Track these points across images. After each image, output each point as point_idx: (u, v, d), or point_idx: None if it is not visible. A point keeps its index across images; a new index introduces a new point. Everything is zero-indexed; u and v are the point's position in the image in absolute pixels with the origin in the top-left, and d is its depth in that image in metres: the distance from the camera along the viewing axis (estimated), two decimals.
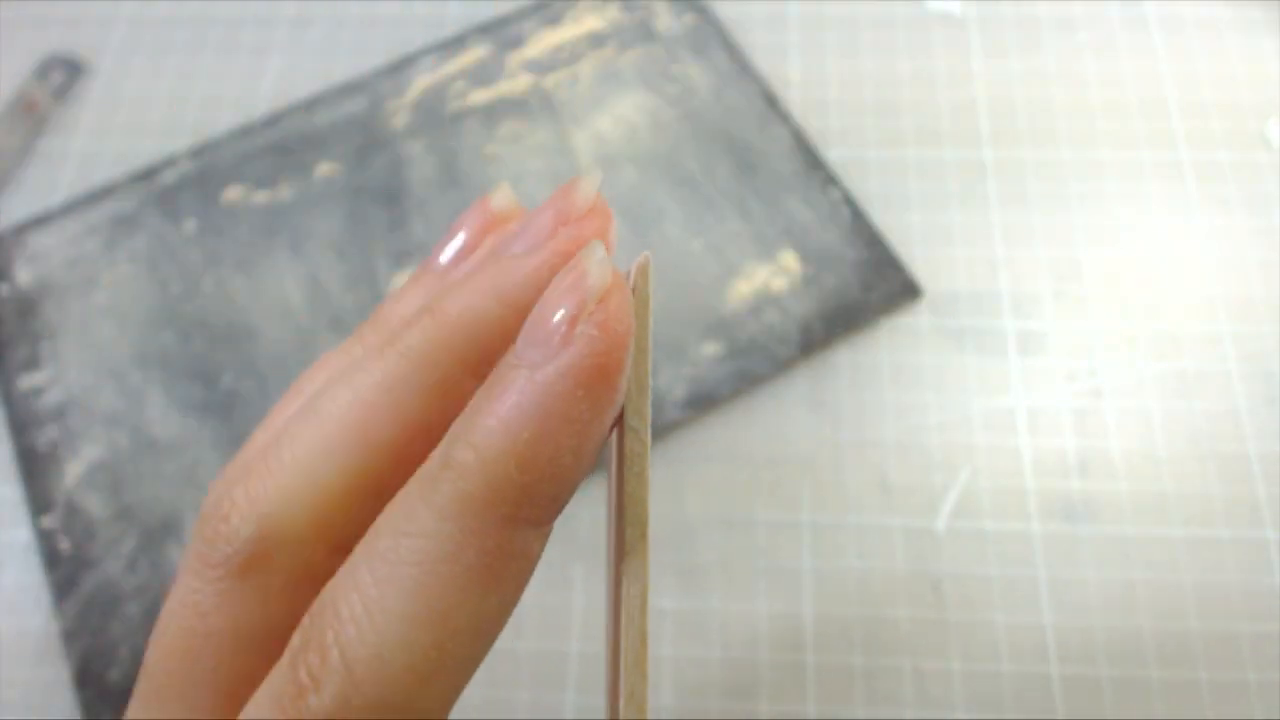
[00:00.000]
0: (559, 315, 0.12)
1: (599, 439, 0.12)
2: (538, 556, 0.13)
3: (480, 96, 0.38)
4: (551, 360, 0.12)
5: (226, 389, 0.33)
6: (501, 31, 0.39)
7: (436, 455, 0.12)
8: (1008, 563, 0.29)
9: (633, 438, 0.12)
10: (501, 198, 0.17)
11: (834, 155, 0.36)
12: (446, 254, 0.17)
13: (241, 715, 0.12)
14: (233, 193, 0.36)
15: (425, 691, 0.12)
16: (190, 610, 0.13)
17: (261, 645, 0.13)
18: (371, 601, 0.11)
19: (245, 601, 0.13)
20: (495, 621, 0.12)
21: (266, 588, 0.13)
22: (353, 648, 0.11)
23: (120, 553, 0.30)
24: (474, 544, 0.12)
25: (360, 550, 0.12)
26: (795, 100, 0.37)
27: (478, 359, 0.14)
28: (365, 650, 0.11)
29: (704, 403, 0.31)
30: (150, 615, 0.30)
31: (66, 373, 0.33)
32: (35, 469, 0.32)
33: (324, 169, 0.37)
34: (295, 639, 0.12)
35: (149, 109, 0.39)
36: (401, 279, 0.34)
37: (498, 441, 0.12)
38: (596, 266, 0.12)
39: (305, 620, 0.12)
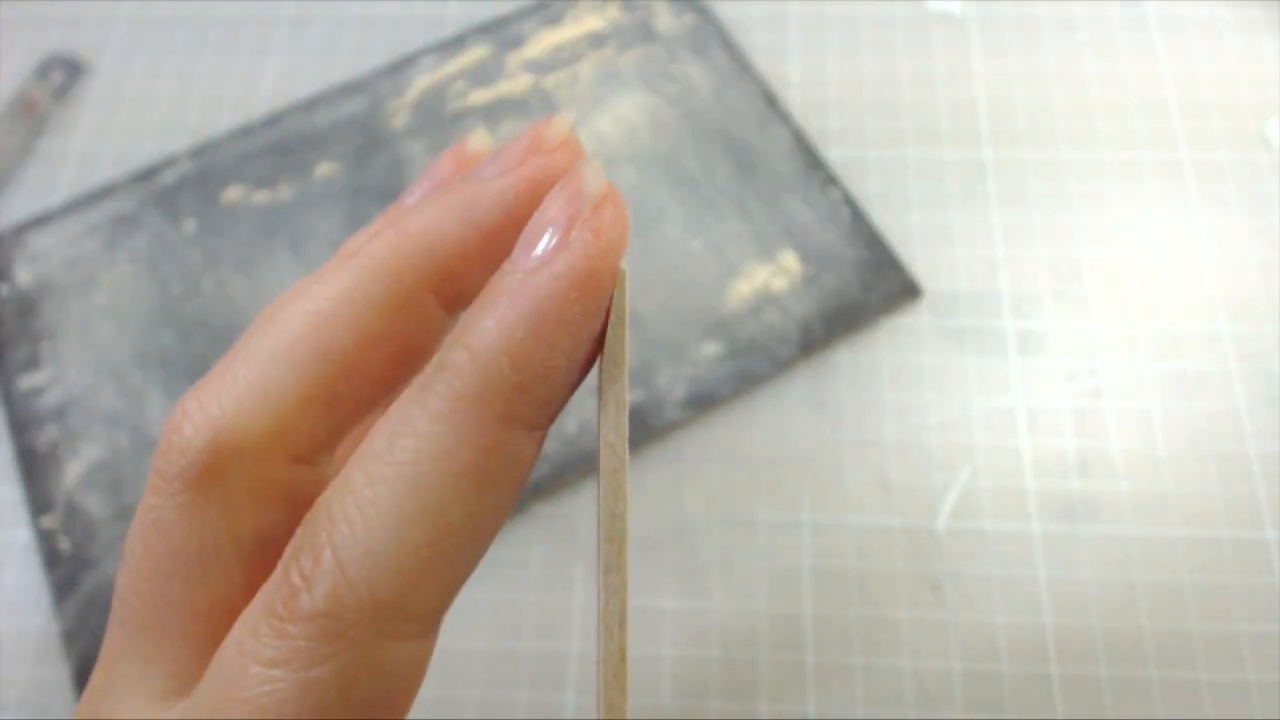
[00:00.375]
0: (555, 220, 0.12)
1: (589, 342, 0.12)
2: (532, 462, 0.13)
3: (480, 96, 0.38)
4: (547, 264, 0.12)
5: None
6: (501, 31, 0.39)
7: (432, 360, 0.12)
8: (1008, 563, 0.29)
9: (609, 453, 0.12)
10: (478, 140, 0.17)
11: (834, 155, 0.36)
12: (414, 194, 0.17)
13: (236, 625, 0.12)
14: (233, 193, 0.36)
15: (418, 590, 0.12)
16: (153, 529, 0.13)
17: (231, 561, 0.13)
18: (365, 501, 0.11)
19: (208, 515, 0.13)
20: (489, 523, 0.12)
21: (228, 500, 0.13)
22: (345, 546, 0.11)
23: (120, 553, 0.30)
24: (468, 442, 0.12)
25: (354, 456, 0.12)
26: (795, 100, 0.37)
27: (437, 275, 0.14)
28: (358, 548, 0.11)
29: (704, 403, 0.31)
30: None
31: (66, 373, 0.33)
32: (35, 469, 0.32)
33: (324, 169, 0.37)
34: (289, 548, 0.12)
35: (149, 109, 0.39)
36: None
37: (492, 341, 0.12)
38: (593, 175, 0.13)
39: (298, 530, 0.12)
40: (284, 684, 0.11)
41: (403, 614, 0.12)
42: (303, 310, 0.13)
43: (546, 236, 0.12)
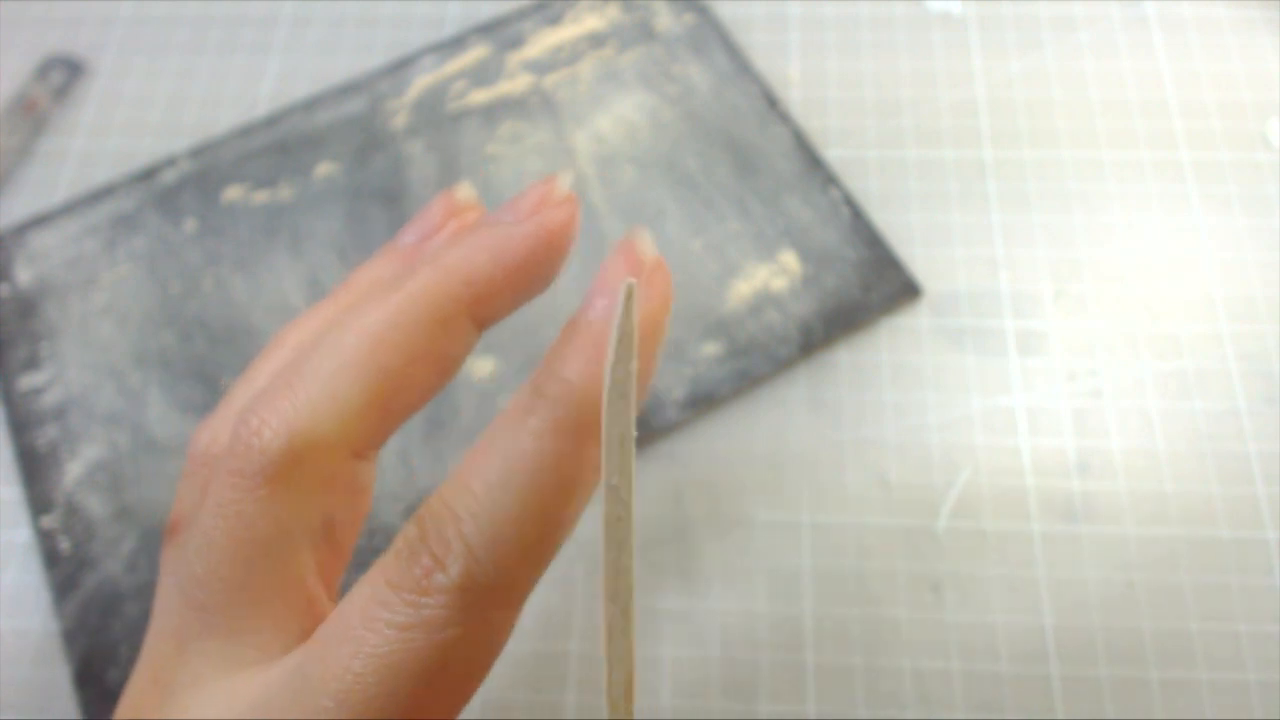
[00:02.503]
0: (623, 279, 0.15)
1: (649, 380, 0.16)
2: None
3: (480, 96, 0.38)
4: (613, 309, 0.15)
5: (226, 389, 0.33)
6: (501, 31, 0.39)
7: (528, 391, 0.15)
8: (1008, 563, 0.29)
9: (612, 498, 0.13)
10: (464, 191, 0.20)
11: (834, 155, 0.36)
12: (411, 235, 0.20)
13: (350, 600, 0.14)
14: (233, 192, 0.36)
15: (529, 574, 0.15)
16: (235, 521, 0.15)
17: (302, 545, 0.16)
18: (485, 504, 0.14)
19: (286, 505, 0.15)
20: (576, 517, 0.15)
21: (302, 491, 0.15)
22: (473, 536, 0.14)
23: (120, 553, 0.30)
24: (566, 457, 0.15)
25: (466, 468, 0.15)
26: (795, 100, 0.37)
27: (473, 299, 0.16)
28: (484, 538, 0.14)
29: (704, 403, 0.31)
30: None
31: (66, 373, 0.33)
32: (35, 469, 0.32)
33: (324, 169, 0.37)
34: (408, 535, 0.14)
35: (149, 109, 0.39)
36: None
37: (582, 375, 0.15)
38: (647, 245, 0.16)
39: (412, 528, 0.14)
40: (419, 643, 0.14)
41: (513, 589, 0.15)
42: (361, 331, 0.16)
43: (614, 287, 0.15)
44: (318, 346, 0.16)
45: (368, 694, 0.13)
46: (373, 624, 0.14)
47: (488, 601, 0.14)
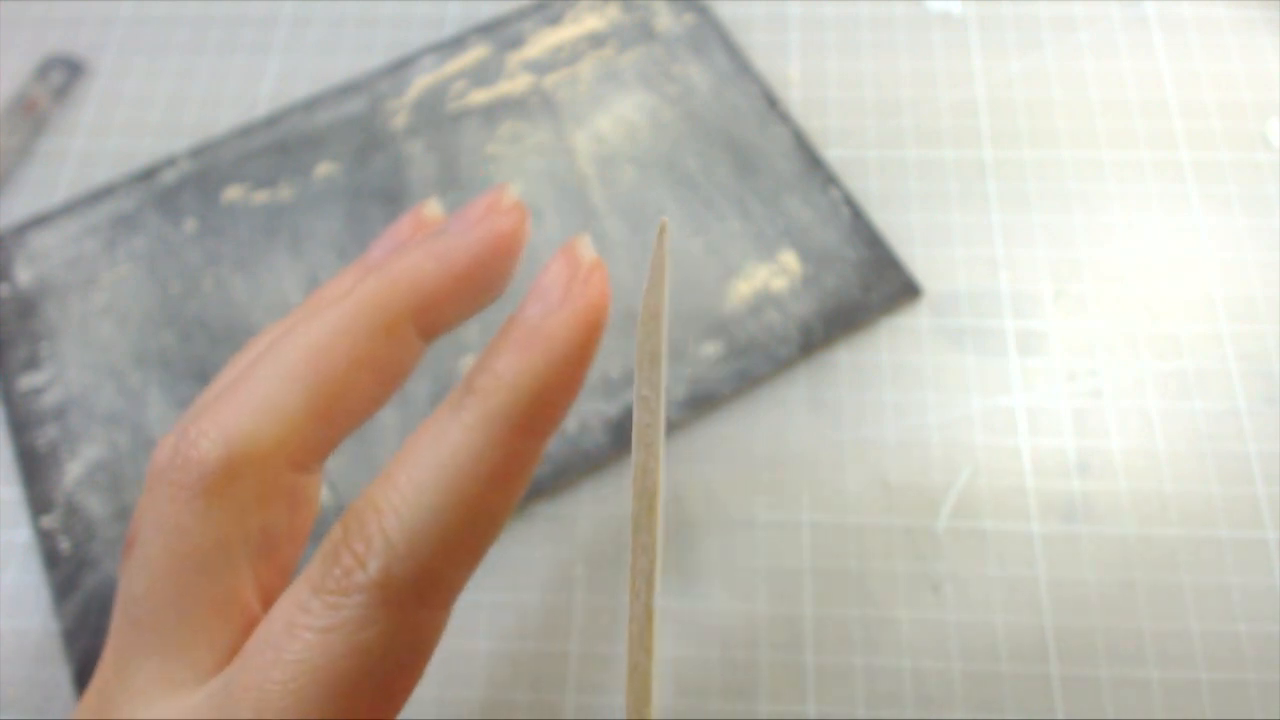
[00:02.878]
0: (558, 278, 0.16)
1: (584, 373, 0.16)
2: (537, 460, 0.16)
3: (480, 96, 0.38)
4: (554, 312, 0.15)
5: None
6: (501, 31, 0.39)
7: (459, 389, 0.15)
8: (1008, 563, 0.29)
9: (642, 407, 0.14)
10: (432, 207, 0.21)
11: (834, 155, 0.36)
12: (379, 250, 0.20)
13: (276, 607, 0.14)
14: (233, 193, 0.36)
15: (453, 569, 0.14)
16: (172, 533, 0.15)
17: (240, 558, 0.15)
18: (409, 497, 0.14)
19: (223, 517, 0.15)
20: (505, 513, 0.15)
21: (239, 503, 0.15)
22: (394, 530, 0.14)
23: (120, 553, 0.30)
24: (494, 447, 0.14)
25: (393, 464, 0.15)
26: (795, 100, 0.37)
27: (418, 306, 0.16)
28: (405, 531, 0.14)
29: (704, 403, 0.31)
30: None
31: (66, 373, 0.33)
32: (35, 469, 0.32)
33: (324, 169, 0.37)
34: (332, 537, 0.14)
35: (149, 109, 0.39)
36: None
37: (513, 369, 0.15)
38: (585, 248, 0.16)
39: (338, 529, 0.14)
40: (338, 646, 0.13)
41: (438, 586, 0.14)
42: (304, 341, 0.16)
43: (553, 290, 0.16)
44: (262, 357, 0.16)
45: (286, 703, 0.13)
46: (293, 629, 0.13)
47: (411, 599, 0.14)
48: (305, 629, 0.13)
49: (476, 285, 0.17)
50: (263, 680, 0.13)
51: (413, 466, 0.14)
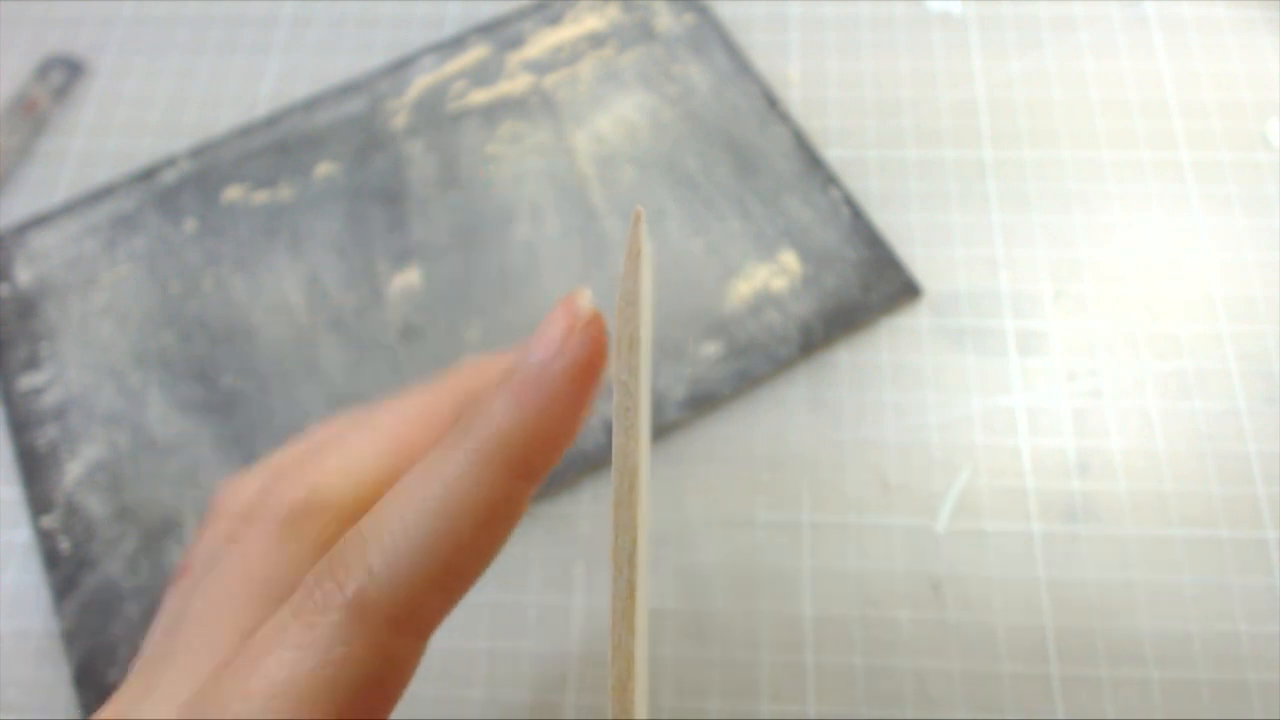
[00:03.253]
0: (559, 330, 0.16)
1: (580, 419, 0.16)
2: (525, 507, 0.16)
3: (480, 96, 0.38)
4: (552, 360, 0.15)
5: (226, 389, 0.33)
6: (501, 31, 0.39)
7: (456, 428, 0.15)
8: (1008, 563, 0.29)
9: (621, 391, 0.14)
10: (585, 298, 0.18)
11: (834, 155, 0.36)
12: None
13: (266, 625, 0.14)
14: (233, 193, 0.36)
15: (434, 601, 0.15)
16: (236, 556, 0.16)
17: (284, 595, 0.16)
18: (394, 530, 0.14)
19: (285, 553, 0.16)
20: (490, 554, 0.15)
21: (303, 544, 0.16)
22: (375, 559, 0.14)
23: (120, 553, 0.30)
24: (483, 488, 0.15)
25: (384, 499, 0.15)
26: (795, 100, 0.37)
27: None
28: (384, 559, 0.14)
29: (704, 403, 0.31)
30: (150, 615, 0.30)
31: (66, 373, 0.33)
32: (35, 469, 0.32)
33: (324, 169, 0.37)
34: (318, 566, 0.15)
35: (149, 109, 0.39)
36: (401, 279, 0.34)
37: (508, 413, 0.15)
38: (585, 300, 0.16)
39: (323, 560, 0.15)
40: (309, 663, 0.14)
41: (415, 615, 0.14)
42: (390, 415, 0.18)
43: (553, 339, 0.16)
44: (357, 425, 0.18)
45: (254, 716, 0.13)
46: (269, 647, 0.14)
47: (385, 624, 0.14)
48: (280, 646, 0.14)
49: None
50: (235, 694, 0.14)
51: (402, 502, 0.15)
